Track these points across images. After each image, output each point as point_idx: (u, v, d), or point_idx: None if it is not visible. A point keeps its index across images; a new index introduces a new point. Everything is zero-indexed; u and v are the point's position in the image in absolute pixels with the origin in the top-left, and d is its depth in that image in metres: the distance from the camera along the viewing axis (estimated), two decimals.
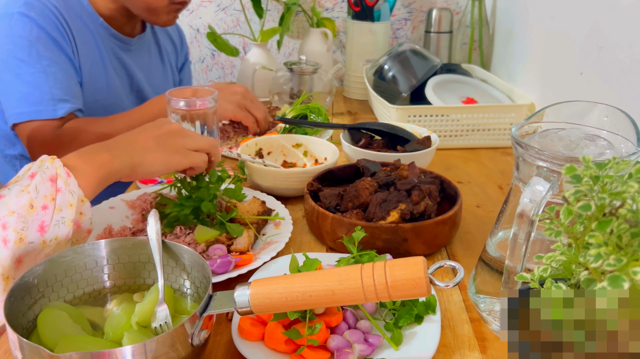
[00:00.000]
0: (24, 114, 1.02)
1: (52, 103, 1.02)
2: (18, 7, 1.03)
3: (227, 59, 1.90)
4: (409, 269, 0.50)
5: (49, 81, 1.03)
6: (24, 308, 0.56)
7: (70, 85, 1.07)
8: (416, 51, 1.40)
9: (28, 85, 1.02)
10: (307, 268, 0.66)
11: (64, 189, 0.64)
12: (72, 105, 1.05)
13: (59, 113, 1.03)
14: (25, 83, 1.02)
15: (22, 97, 1.02)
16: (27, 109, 1.02)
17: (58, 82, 1.04)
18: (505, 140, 1.24)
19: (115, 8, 1.17)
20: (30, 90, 1.02)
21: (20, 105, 1.02)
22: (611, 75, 0.99)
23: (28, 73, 1.02)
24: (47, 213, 0.62)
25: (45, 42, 1.04)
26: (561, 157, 0.54)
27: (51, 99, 1.02)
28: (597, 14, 1.04)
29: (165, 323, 0.56)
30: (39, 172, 0.63)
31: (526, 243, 0.54)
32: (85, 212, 0.67)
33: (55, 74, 1.04)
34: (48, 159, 0.65)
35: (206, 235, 0.77)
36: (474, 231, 0.87)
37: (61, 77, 1.05)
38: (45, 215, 0.62)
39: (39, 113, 1.02)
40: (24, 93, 1.02)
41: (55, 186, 0.63)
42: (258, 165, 0.96)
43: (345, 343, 0.59)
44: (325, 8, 1.83)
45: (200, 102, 0.97)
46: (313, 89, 1.46)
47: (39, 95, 1.02)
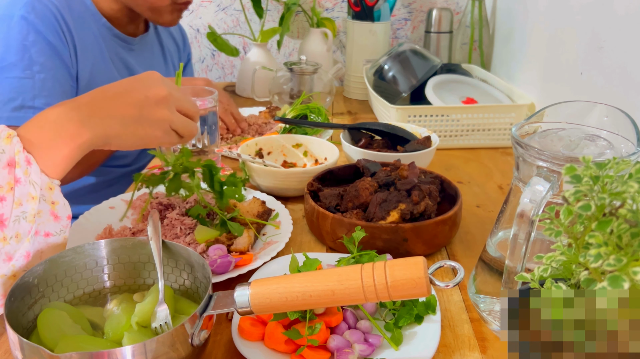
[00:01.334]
0: (2, 119, 1.00)
1: (32, 111, 1.00)
2: (19, 9, 1.02)
3: (227, 59, 1.90)
4: (409, 269, 0.50)
5: (34, 88, 1.01)
6: (24, 308, 0.56)
7: (57, 93, 1.05)
8: (416, 51, 1.40)
9: (12, 90, 1.00)
10: (307, 268, 0.66)
11: (23, 180, 0.56)
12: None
13: None
14: (10, 87, 1.00)
15: (4, 101, 1.00)
16: (6, 114, 1.00)
17: (45, 90, 1.02)
18: (505, 140, 1.24)
19: (118, 8, 1.17)
20: (13, 95, 1.00)
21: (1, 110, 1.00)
22: (611, 75, 0.99)
23: (16, 77, 1.01)
24: (6, 206, 0.55)
25: (41, 47, 1.03)
26: (561, 157, 0.54)
27: (32, 107, 1.00)
28: (597, 14, 1.04)
29: (165, 323, 0.56)
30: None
31: (526, 243, 0.54)
32: (57, 200, 0.60)
33: (43, 81, 1.02)
34: (4, 137, 0.57)
35: (206, 235, 0.77)
36: (474, 231, 0.87)
37: (50, 84, 1.03)
38: (4, 207, 0.55)
39: (17, 119, 1.00)
40: (7, 97, 1.00)
41: (14, 174, 0.56)
42: (258, 165, 0.96)
43: (345, 343, 0.59)
44: (325, 8, 1.83)
45: (200, 102, 0.97)
46: (313, 89, 1.46)
47: (20, 102, 1.00)
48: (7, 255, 0.56)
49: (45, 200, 0.59)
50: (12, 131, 0.59)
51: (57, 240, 0.62)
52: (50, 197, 0.60)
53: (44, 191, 0.59)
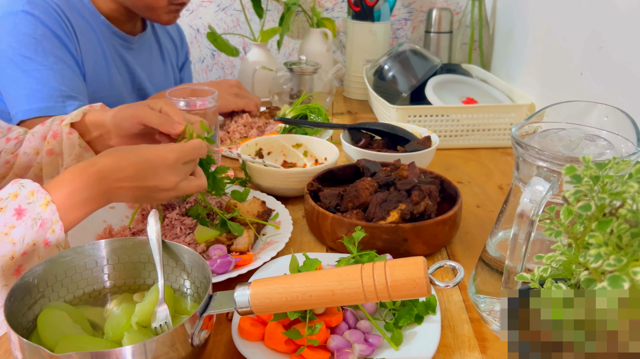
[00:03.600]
0: (32, 111, 1.01)
1: (62, 100, 1.02)
2: (22, 6, 1.03)
3: (227, 59, 1.90)
4: (409, 269, 0.50)
5: (56, 78, 1.02)
6: (24, 308, 0.56)
7: (77, 82, 1.07)
8: (416, 51, 1.40)
9: (36, 82, 1.01)
10: (307, 268, 0.66)
11: (52, 243, 0.62)
12: (80, 102, 1.05)
13: (69, 109, 1.02)
14: (33, 80, 1.01)
15: (30, 94, 1.01)
16: (36, 105, 1.01)
17: (65, 79, 1.04)
18: (505, 140, 1.24)
19: (115, 7, 1.17)
20: (38, 87, 1.01)
21: (29, 102, 1.01)
22: (611, 75, 0.99)
23: (36, 70, 1.02)
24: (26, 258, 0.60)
25: (51, 40, 1.04)
26: (561, 157, 0.54)
27: (60, 96, 1.02)
28: (597, 14, 1.04)
29: (165, 323, 0.56)
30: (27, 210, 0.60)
31: (526, 243, 0.54)
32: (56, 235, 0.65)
33: (62, 71, 1.04)
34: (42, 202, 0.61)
35: (206, 235, 0.77)
36: (474, 231, 0.87)
37: (68, 74, 1.05)
38: (24, 260, 0.60)
39: (49, 109, 1.01)
40: (33, 89, 1.01)
41: (44, 237, 0.61)
42: (258, 165, 0.96)
43: (345, 343, 0.59)
44: (325, 8, 1.83)
45: (200, 102, 0.97)
46: (313, 89, 1.46)
47: (47, 92, 1.01)
48: None
49: None
50: (45, 193, 0.62)
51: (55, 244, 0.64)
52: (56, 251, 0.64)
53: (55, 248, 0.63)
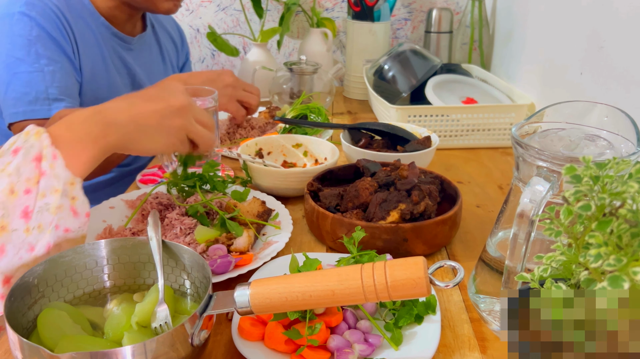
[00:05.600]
0: (19, 114, 1.02)
1: (47, 102, 1.02)
2: (19, 7, 1.03)
3: (227, 59, 1.90)
4: (409, 269, 0.50)
5: (45, 80, 1.02)
6: (24, 308, 0.56)
7: (68, 84, 1.07)
8: (416, 51, 1.40)
9: (24, 85, 1.01)
10: (307, 268, 0.66)
11: (48, 173, 0.58)
12: (67, 104, 1.04)
13: (53, 112, 1.02)
14: (21, 82, 1.02)
15: (18, 97, 1.02)
16: (22, 109, 1.01)
17: (55, 81, 1.04)
18: (505, 140, 1.24)
19: (114, 5, 1.17)
20: (26, 90, 1.01)
21: (15, 105, 1.02)
22: (611, 75, 0.99)
23: (25, 72, 1.02)
24: (30, 198, 0.57)
25: (45, 42, 1.04)
26: (561, 157, 0.53)
27: (46, 99, 1.02)
28: (598, 14, 1.04)
29: (165, 323, 0.56)
30: (22, 147, 0.58)
31: (526, 243, 0.54)
32: (77, 196, 0.62)
33: (53, 73, 1.04)
34: (34, 133, 0.60)
35: (206, 235, 0.77)
36: (474, 231, 0.87)
37: (59, 76, 1.05)
38: (29, 199, 0.57)
39: (33, 112, 1.01)
40: (21, 92, 1.02)
41: (40, 168, 0.58)
42: (258, 165, 0.96)
43: (345, 343, 0.59)
44: (325, 8, 1.83)
45: (200, 102, 0.97)
46: (313, 89, 1.46)
47: (34, 95, 1.01)
48: (30, 245, 0.58)
49: (66, 195, 0.61)
50: (41, 128, 0.61)
51: (75, 236, 0.62)
52: (72, 192, 0.61)
53: (66, 186, 0.60)
